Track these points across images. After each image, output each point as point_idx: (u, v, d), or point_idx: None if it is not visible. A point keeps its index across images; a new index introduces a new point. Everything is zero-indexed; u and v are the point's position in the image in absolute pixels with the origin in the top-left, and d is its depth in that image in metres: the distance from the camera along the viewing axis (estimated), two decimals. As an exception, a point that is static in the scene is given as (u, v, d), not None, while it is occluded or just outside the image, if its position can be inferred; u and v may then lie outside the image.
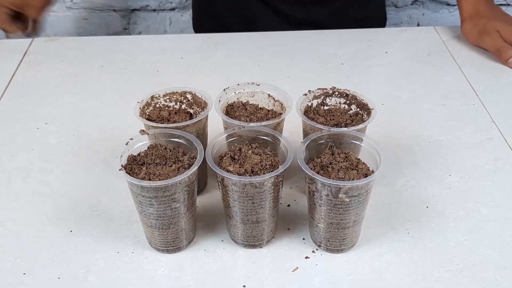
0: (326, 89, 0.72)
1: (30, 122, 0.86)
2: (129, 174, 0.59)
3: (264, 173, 0.59)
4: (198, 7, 1.21)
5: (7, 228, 0.67)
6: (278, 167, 0.59)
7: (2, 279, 0.61)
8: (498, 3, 1.61)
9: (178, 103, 0.71)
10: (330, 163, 0.61)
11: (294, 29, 1.10)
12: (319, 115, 0.70)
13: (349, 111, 0.71)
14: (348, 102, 0.71)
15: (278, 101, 0.72)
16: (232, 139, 0.66)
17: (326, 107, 0.71)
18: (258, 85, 0.72)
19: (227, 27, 1.14)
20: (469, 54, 1.02)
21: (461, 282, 0.60)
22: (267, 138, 0.65)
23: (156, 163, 0.61)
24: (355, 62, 1.01)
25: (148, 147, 0.63)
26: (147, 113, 0.69)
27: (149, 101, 0.70)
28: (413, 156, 0.78)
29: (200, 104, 0.71)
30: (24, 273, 0.62)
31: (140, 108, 0.69)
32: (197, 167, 0.59)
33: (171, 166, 0.60)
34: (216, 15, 1.16)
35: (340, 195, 0.58)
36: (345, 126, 0.67)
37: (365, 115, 0.69)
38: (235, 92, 0.72)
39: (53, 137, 0.83)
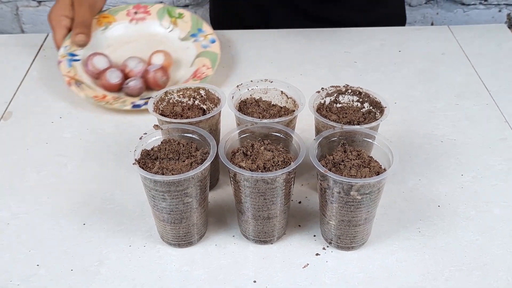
0: (339, 86, 0.72)
1: (45, 116, 0.86)
2: (142, 168, 0.60)
3: (276, 170, 0.59)
4: (216, 1, 1.22)
5: (22, 220, 0.68)
6: (290, 164, 0.59)
7: (16, 270, 0.62)
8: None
9: (191, 98, 0.71)
10: (342, 161, 0.61)
11: (310, 25, 1.09)
12: (332, 112, 0.70)
13: (362, 109, 0.71)
14: (361, 100, 0.71)
15: (291, 98, 0.72)
16: (244, 135, 0.66)
17: (339, 105, 0.71)
18: (271, 82, 0.73)
19: (244, 20, 1.14)
20: (483, 54, 1.02)
21: (472, 282, 0.60)
22: (279, 135, 0.65)
23: (169, 158, 0.62)
24: (368, 60, 1.01)
25: (161, 142, 0.64)
26: (161, 108, 0.70)
27: (163, 97, 0.70)
28: (425, 155, 0.78)
29: (213, 100, 0.71)
30: (37, 265, 0.62)
31: (154, 103, 0.69)
32: (209, 163, 0.60)
33: (184, 161, 0.61)
34: (232, 8, 1.16)
35: (352, 193, 0.58)
36: (358, 124, 0.68)
37: (378, 113, 0.69)
38: (248, 89, 0.72)
39: (67, 131, 0.83)
